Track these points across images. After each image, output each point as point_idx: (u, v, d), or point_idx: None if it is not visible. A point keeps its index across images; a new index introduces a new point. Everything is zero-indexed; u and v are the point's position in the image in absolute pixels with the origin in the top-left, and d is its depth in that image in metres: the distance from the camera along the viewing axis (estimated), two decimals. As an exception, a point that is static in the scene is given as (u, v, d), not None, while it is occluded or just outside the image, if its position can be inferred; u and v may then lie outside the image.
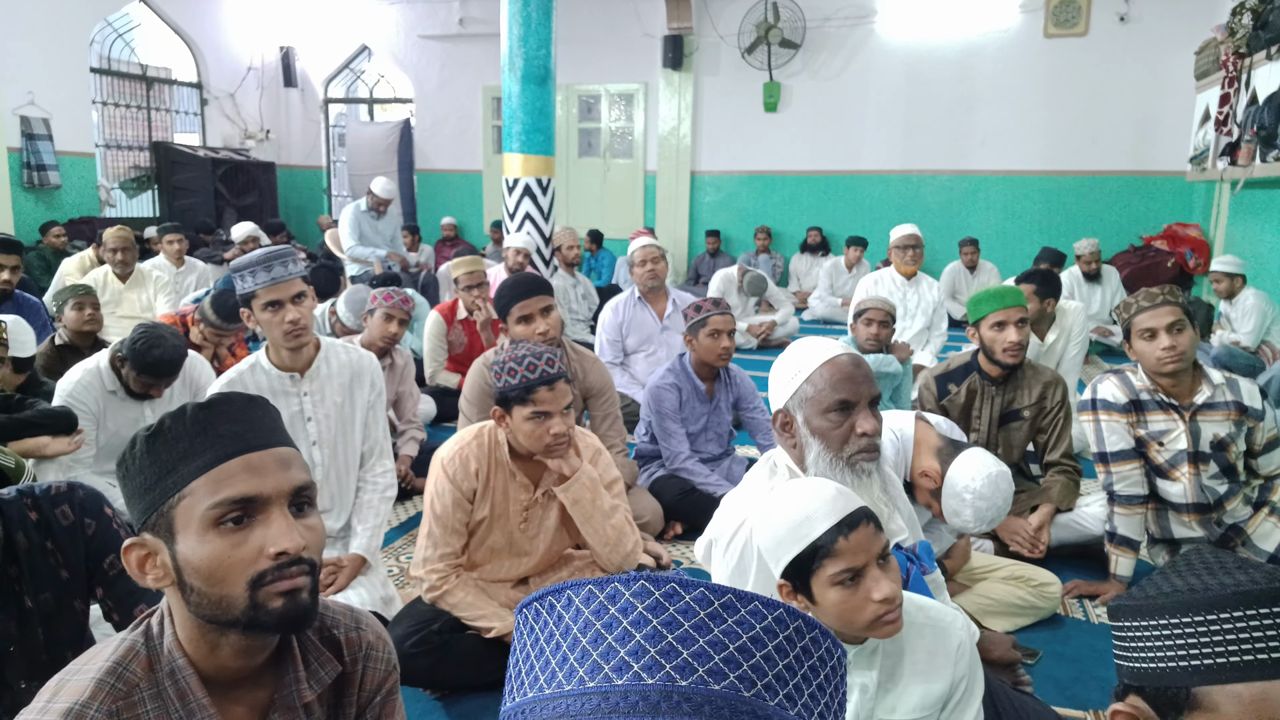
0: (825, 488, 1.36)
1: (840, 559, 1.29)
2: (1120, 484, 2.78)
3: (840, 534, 1.30)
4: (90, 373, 3.07)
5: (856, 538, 1.30)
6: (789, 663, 0.50)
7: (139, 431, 1.03)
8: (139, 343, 2.98)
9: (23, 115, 9.04)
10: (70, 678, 1.02)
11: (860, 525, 1.31)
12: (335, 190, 13.07)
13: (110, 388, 3.10)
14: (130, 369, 3.03)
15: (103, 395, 3.08)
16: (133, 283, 5.79)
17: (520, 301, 3.11)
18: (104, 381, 3.09)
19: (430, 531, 2.25)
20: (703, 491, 3.36)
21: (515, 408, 2.15)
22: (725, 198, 11.01)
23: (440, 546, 2.25)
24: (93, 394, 3.05)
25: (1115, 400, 2.77)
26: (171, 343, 3.03)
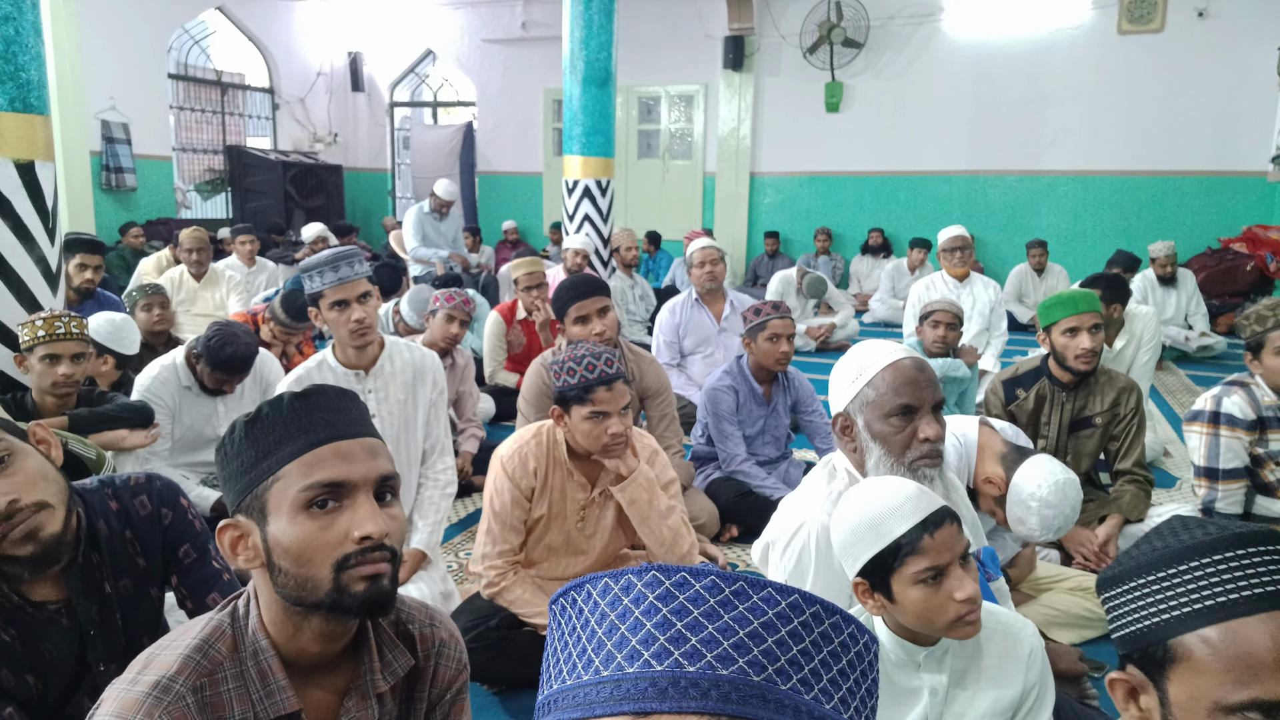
0: (907, 486, 1.36)
1: (924, 557, 1.29)
2: (1223, 501, 2.70)
3: (925, 532, 1.30)
4: (166, 369, 3.18)
5: (941, 536, 1.30)
6: (804, 648, 0.50)
7: (239, 418, 1.07)
8: (213, 340, 3.08)
9: (104, 120, 9.41)
10: (160, 652, 1.06)
11: (945, 524, 1.31)
12: (399, 192, 13.32)
13: (185, 383, 3.20)
14: (205, 365, 3.13)
15: (178, 390, 3.19)
16: (207, 282, 5.98)
17: (577, 302, 3.13)
18: (179, 377, 3.19)
19: (489, 528, 2.28)
20: (759, 494, 3.33)
21: (574, 407, 2.17)
22: (785, 199, 10.93)
23: (499, 543, 2.27)
24: (169, 389, 3.16)
25: (1243, 416, 2.68)
26: (244, 340, 3.13)
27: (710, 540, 3.23)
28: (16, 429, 1.48)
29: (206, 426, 3.27)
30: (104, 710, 1.01)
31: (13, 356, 2.84)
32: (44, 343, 2.69)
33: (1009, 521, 2.05)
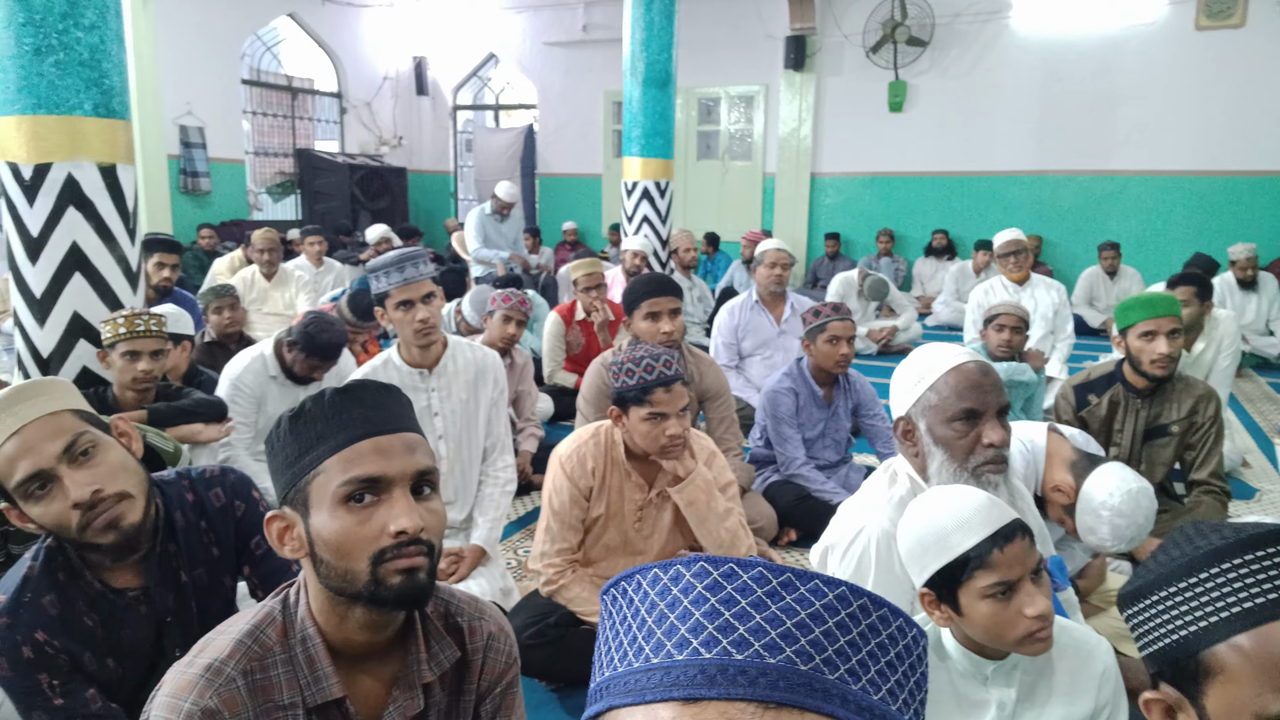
0: (976, 496, 1.32)
1: (994, 571, 1.26)
2: None
3: (995, 546, 1.26)
4: (255, 359, 3.32)
5: (1012, 551, 1.26)
6: (851, 639, 0.50)
7: (284, 413, 1.10)
8: (310, 326, 3.22)
9: (181, 125, 9.75)
10: (215, 637, 1.11)
11: (1015, 538, 1.27)
12: (461, 194, 13.52)
13: (272, 373, 3.33)
14: (299, 352, 3.25)
15: (265, 380, 3.32)
16: (277, 282, 6.15)
17: (653, 298, 3.12)
18: (267, 366, 3.33)
19: (548, 526, 2.30)
20: (818, 498, 3.30)
21: (632, 408, 2.17)
22: (846, 200, 10.80)
23: (557, 541, 2.29)
24: (256, 378, 3.30)
25: None
26: (339, 328, 3.29)
27: (768, 543, 3.21)
28: (100, 422, 1.53)
29: None
30: (162, 691, 1.06)
31: (95, 352, 2.96)
32: (125, 339, 2.79)
33: (1079, 531, 1.99)
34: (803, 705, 0.47)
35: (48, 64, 2.81)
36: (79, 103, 2.88)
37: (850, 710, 0.48)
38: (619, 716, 0.50)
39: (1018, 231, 5.02)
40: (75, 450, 1.43)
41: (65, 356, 3.02)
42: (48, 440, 1.41)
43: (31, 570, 1.48)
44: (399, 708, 1.14)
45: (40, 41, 2.79)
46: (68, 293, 2.98)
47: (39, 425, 1.42)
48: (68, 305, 2.99)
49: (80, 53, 2.85)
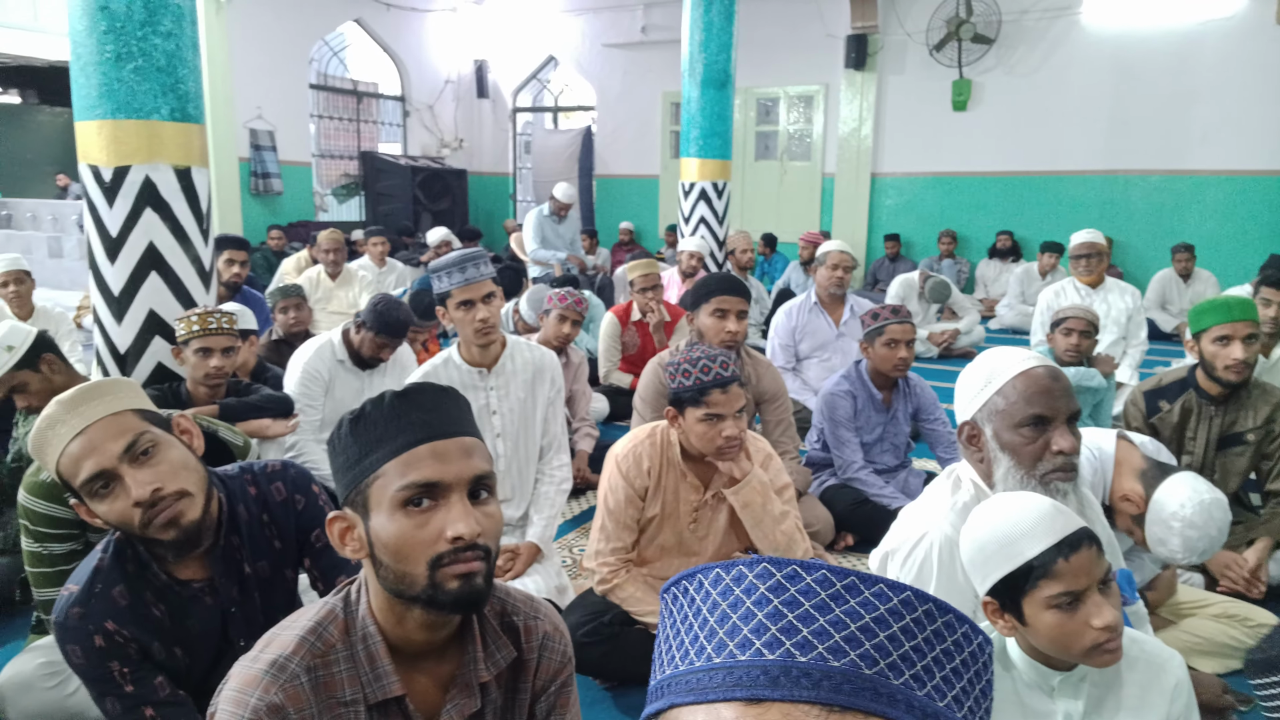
0: (1041, 504, 1.28)
1: (1059, 581, 1.22)
2: None
3: (1060, 555, 1.22)
4: (323, 345, 3.48)
5: (1078, 560, 1.22)
6: (916, 644, 0.50)
7: (345, 415, 1.12)
8: (379, 304, 3.37)
9: (252, 128, 10.04)
10: (280, 632, 1.13)
11: (1082, 547, 1.23)
12: (520, 195, 13.66)
13: (340, 357, 3.46)
14: (368, 330, 3.38)
15: (333, 364, 3.46)
16: (341, 281, 6.29)
17: (723, 295, 3.11)
18: (335, 351, 3.47)
19: (603, 525, 2.31)
20: (876, 503, 3.25)
21: (688, 409, 2.17)
22: (907, 200, 10.63)
23: (611, 540, 2.30)
24: (325, 363, 3.44)
25: None
26: (406, 307, 3.45)
27: (824, 548, 3.17)
28: (162, 420, 1.57)
29: (354, 402, 3.48)
30: (229, 685, 1.08)
31: (170, 349, 3.06)
32: (198, 337, 2.89)
33: (1148, 542, 1.93)
34: (868, 709, 0.47)
35: (127, 70, 2.91)
36: (156, 107, 2.98)
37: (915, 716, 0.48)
38: (680, 714, 0.50)
39: (1095, 233, 4.86)
40: (136, 450, 1.47)
41: (141, 353, 3.13)
42: (110, 440, 1.46)
43: (102, 562, 1.53)
44: (456, 706, 1.15)
45: (120, 48, 2.90)
46: (144, 291, 3.09)
47: (102, 425, 1.46)
48: (144, 303, 3.09)
49: (158, 59, 2.95)
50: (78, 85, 2.97)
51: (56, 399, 1.49)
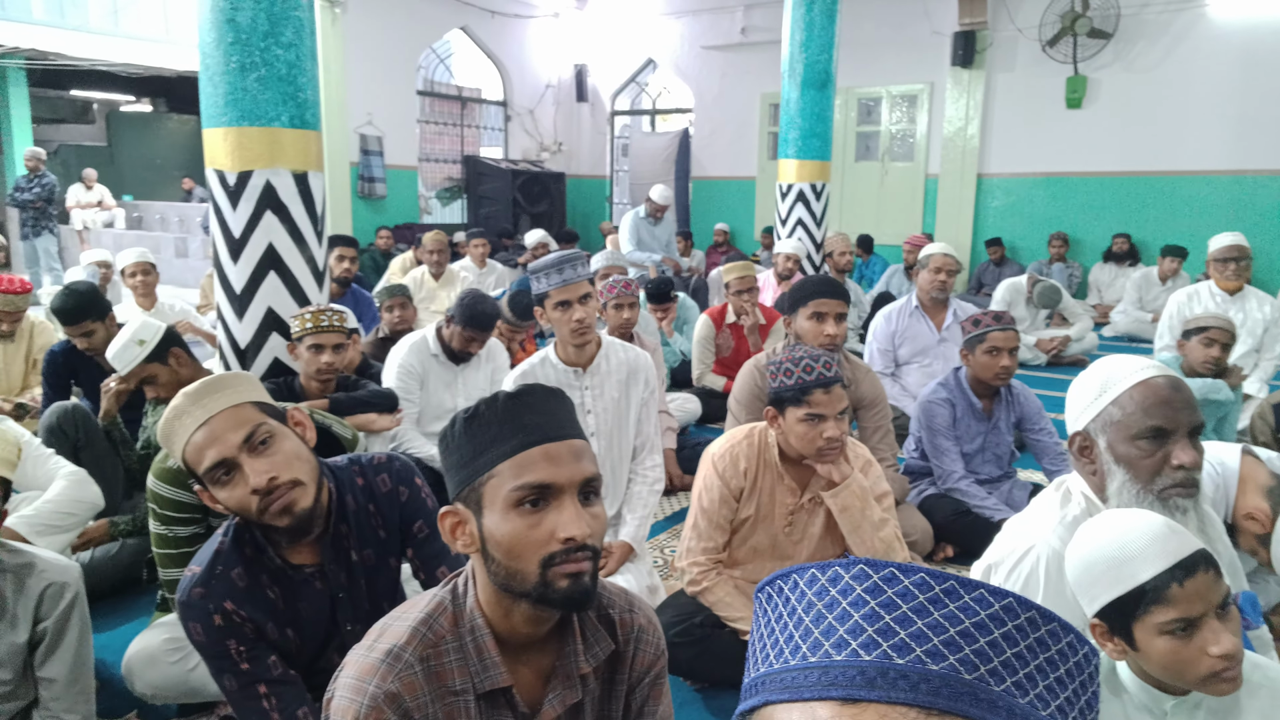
0: (1153, 523, 1.21)
1: (1172, 607, 1.15)
2: None
3: (1174, 579, 1.15)
4: (418, 340, 3.63)
5: (1193, 585, 1.15)
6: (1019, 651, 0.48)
7: (459, 413, 1.15)
8: (466, 299, 3.50)
9: (362, 134, 10.44)
10: (392, 623, 1.17)
11: (1198, 571, 1.16)
12: (616, 198, 13.79)
13: (433, 351, 3.61)
14: (457, 324, 3.52)
15: (426, 357, 3.60)
16: (444, 281, 6.48)
17: (822, 298, 3.06)
18: (429, 346, 3.61)
19: (695, 523, 2.31)
20: (978, 515, 3.15)
21: (789, 409, 2.14)
22: (1015, 201, 10.26)
23: (703, 540, 2.29)
24: (419, 357, 3.58)
25: None
26: (491, 301, 3.57)
27: (923, 559, 3.09)
28: (278, 412, 1.66)
29: (446, 394, 3.65)
30: (346, 672, 1.13)
31: (285, 345, 3.21)
32: (311, 334, 3.02)
33: (1275, 563, 1.81)
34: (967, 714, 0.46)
35: (251, 79, 3.08)
36: (277, 115, 3.14)
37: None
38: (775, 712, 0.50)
39: (1240, 236, 4.58)
40: (254, 440, 1.55)
41: (259, 348, 3.30)
42: (231, 431, 1.54)
43: (222, 545, 1.62)
44: (558, 697, 1.18)
45: (245, 59, 3.06)
46: (263, 290, 3.25)
47: (224, 416, 1.55)
48: (263, 301, 3.26)
49: (279, 69, 3.10)
50: (205, 94, 3.15)
51: (183, 391, 1.59)
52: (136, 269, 5.02)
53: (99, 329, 3.39)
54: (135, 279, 5.00)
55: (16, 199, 8.97)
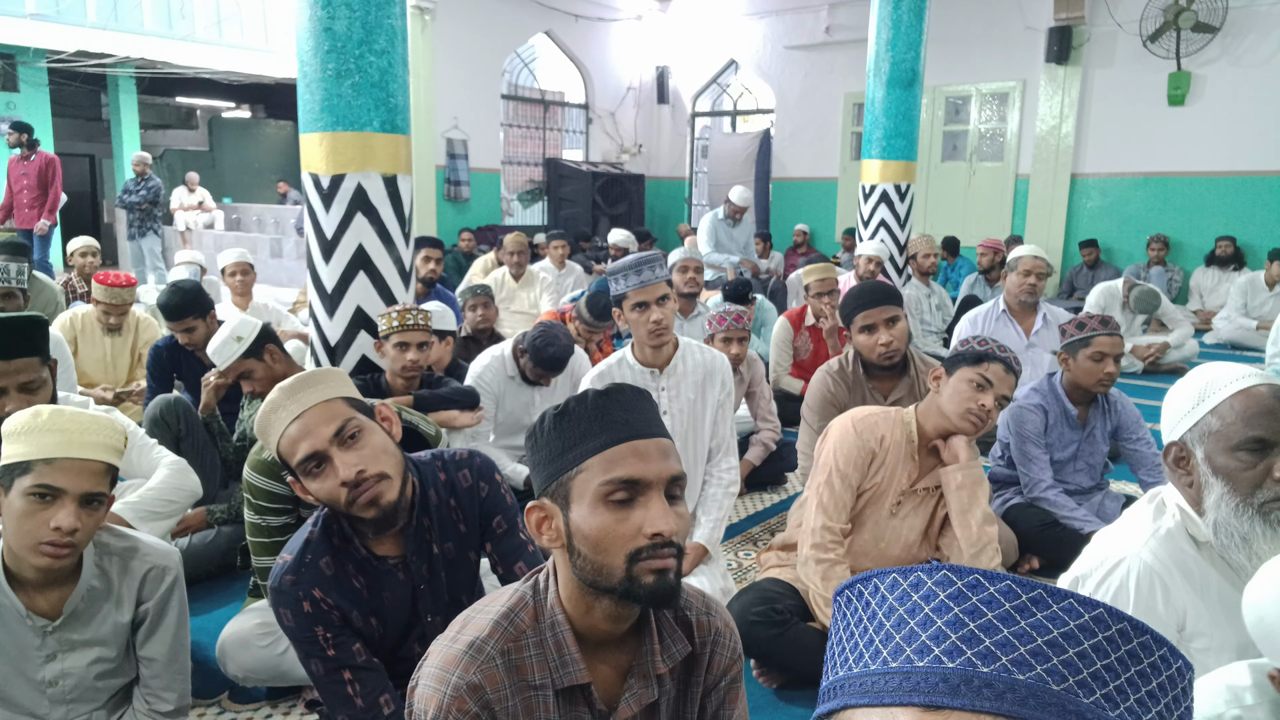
0: None
1: None
2: None
3: None
4: (495, 359, 3.59)
5: None
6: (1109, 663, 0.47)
7: (548, 410, 1.17)
8: (538, 340, 3.44)
9: (448, 138, 10.69)
10: (475, 616, 1.19)
11: None
12: (695, 199, 13.77)
13: (510, 373, 3.59)
14: (528, 360, 3.49)
15: (503, 379, 3.58)
16: (524, 282, 6.58)
17: (864, 310, 3.01)
18: (505, 367, 3.59)
19: (822, 492, 2.30)
20: (1066, 526, 3.04)
21: (962, 368, 2.24)
22: (1111, 203, 9.86)
23: (831, 508, 2.29)
24: (496, 376, 3.57)
25: None
26: (564, 343, 3.45)
27: (1007, 570, 3.00)
28: (366, 408, 1.71)
29: (525, 414, 3.63)
30: (430, 663, 1.16)
31: (373, 343, 3.31)
32: (397, 332, 3.11)
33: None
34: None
35: (345, 86, 3.18)
36: (369, 120, 3.23)
37: None
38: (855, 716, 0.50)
39: None
40: (345, 434, 1.61)
41: (348, 346, 3.41)
42: (323, 425, 1.60)
43: (312, 535, 1.67)
44: (634, 695, 1.19)
45: (340, 66, 3.17)
46: (353, 289, 3.36)
47: (317, 411, 1.61)
48: (352, 300, 3.37)
49: (372, 75, 3.20)
50: (303, 100, 3.27)
51: (278, 386, 1.66)
52: (236, 269, 5.21)
53: (200, 325, 3.55)
54: (235, 278, 5.20)
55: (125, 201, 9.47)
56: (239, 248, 5.67)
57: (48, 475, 1.59)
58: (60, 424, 1.63)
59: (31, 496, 1.59)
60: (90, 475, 1.63)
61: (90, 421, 1.66)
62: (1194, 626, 1.44)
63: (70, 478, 1.61)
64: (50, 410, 1.65)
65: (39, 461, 1.59)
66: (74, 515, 1.60)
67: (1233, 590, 1.44)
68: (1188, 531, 1.47)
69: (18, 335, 2.17)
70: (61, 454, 1.60)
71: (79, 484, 1.62)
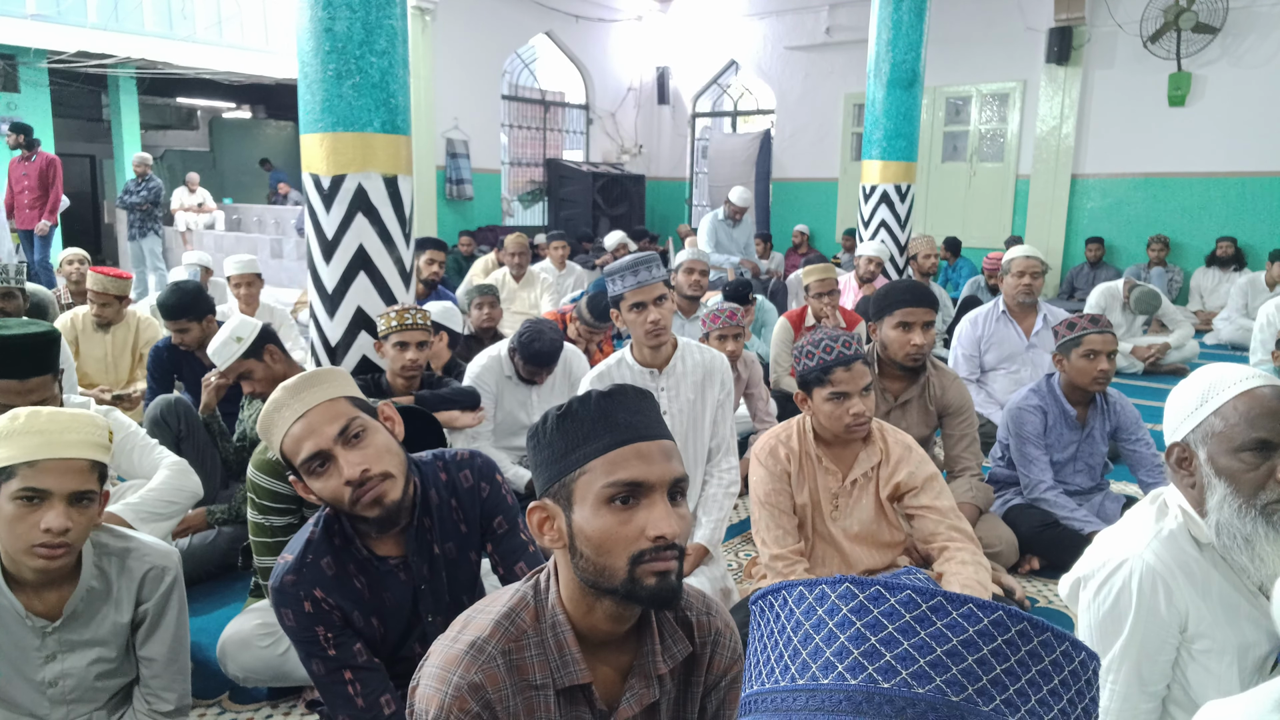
0: None
1: None
2: None
3: None
4: (493, 359, 3.59)
5: None
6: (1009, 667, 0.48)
7: (550, 410, 1.17)
8: (524, 335, 3.43)
9: (449, 138, 10.69)
10: (475, 616, 1.19)
11: None
12: (695, 200, 13.77)
13: (506, 373, 3.58)
14: (519, 357, 3.47)
15: (500, 379, 3.58)
16: (524, 283, 6.58)
17: (909, 307, 2.97)
18: (502, 367, 3.59)
19: (760, 519, 2.36)
20: (1067, 526, 3.04)
21: (815, 390, 2.27)
22: (1112, 203, 9.86)
23: (773, 529, 2.34)
24: (493, 376, 3.56)
25: None
26: (549, 336, 3.44)
27: (1008, 571, 3.00)
28: (369, 408, 1.71)
29: (521, 412, 3.63)
30: (430, 662, 1.16)
31: (373, 343, 3.31)
32: (396, 331, 3.11)
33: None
34: None
35: (346, 86, 3.18)
36: (369, 120, 3.23)
37: None
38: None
39: None
40: (349, 433, 1.61)
41: (349, 346, 3.41)
42: (327, 424, 1.60)
43: (313, 535, 1.67)
44: (635, 696, 1.19)
45: (341, 67, 3.17)
46: (353, 290, 3.36)
47: (321, 410, 1.61)
48: (353, 301, 3.37)
49: (373, 76, 3.20)
50: (303, 101, 3.27)
51: (282, 385, 1.65)
52: (241, 280, 5.05)
53: (194, 328, 3.55)
54: (240, 290, 5.05)
55: (125, 201, 9.47)
56: (245, 255, 5.37)
57: (32, 478, 1.59)
58: (39, 425, 1.61)
59: (19, 500, 1.59)
60: (75, 474, 1.62)
61: (70, 420, 1.65)
62: (1196, 628, 1.44)
63: (55, 478, 1.60)
64: (27, 412, 1.64)
65: (22, 465, 1.58)
66: (63, 515, 1.60)
67: (1234, 592, 1.45)
68: (1190, 533, 1.47)
69: (34, 355, 2.16)
70: (44, 455, 1.59)
71: (65, 484, 1.61)
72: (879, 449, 2.35)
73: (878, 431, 2.37)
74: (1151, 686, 1.47)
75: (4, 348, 2.12)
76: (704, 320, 3.84)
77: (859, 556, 2.39)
